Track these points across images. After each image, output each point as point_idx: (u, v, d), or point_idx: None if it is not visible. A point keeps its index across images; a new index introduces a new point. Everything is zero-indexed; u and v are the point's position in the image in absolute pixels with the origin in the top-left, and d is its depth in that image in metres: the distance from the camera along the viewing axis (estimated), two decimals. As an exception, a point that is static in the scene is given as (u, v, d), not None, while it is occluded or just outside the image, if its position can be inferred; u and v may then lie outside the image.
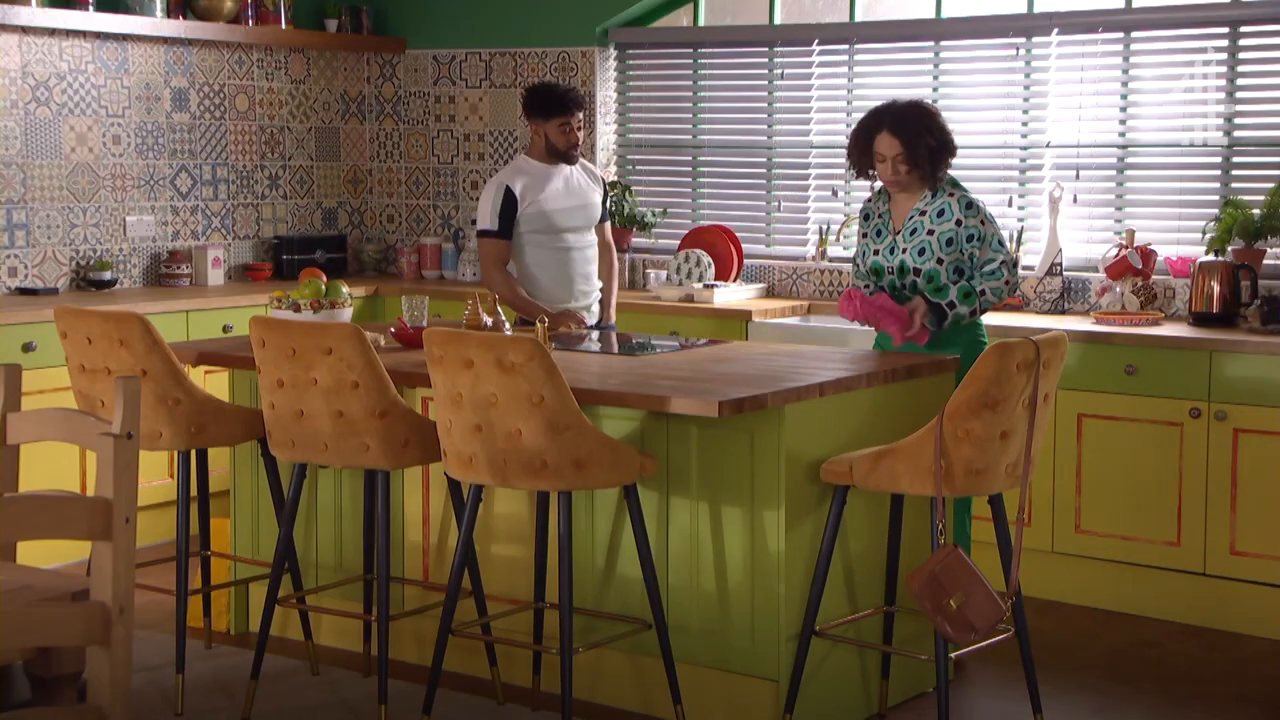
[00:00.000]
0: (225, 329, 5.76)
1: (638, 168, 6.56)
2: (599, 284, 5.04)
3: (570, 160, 4.92)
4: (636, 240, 6.41)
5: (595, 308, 5.02)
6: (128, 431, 2.61)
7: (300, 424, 3.84)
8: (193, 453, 4.23)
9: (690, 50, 6.38)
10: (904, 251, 4.28)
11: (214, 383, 5.34)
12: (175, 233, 6.34)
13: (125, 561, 2.61)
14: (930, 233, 4.26)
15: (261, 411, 3.97)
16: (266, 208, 6.66)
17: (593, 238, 5.01)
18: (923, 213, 4.28)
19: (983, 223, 4.29)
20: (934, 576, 3.46)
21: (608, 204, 5.13)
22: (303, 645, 4.37)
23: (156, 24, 6.05)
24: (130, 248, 6.19)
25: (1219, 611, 4.78)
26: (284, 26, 6.49)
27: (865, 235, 4.43)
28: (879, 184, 4.43)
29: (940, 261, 4.25)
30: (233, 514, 4.64)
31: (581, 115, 4.91)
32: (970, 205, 4.29)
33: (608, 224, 5.12)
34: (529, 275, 4.89)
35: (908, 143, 4.24)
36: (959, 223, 4.26)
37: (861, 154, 4.34)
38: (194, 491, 4.31)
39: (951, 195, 4.29)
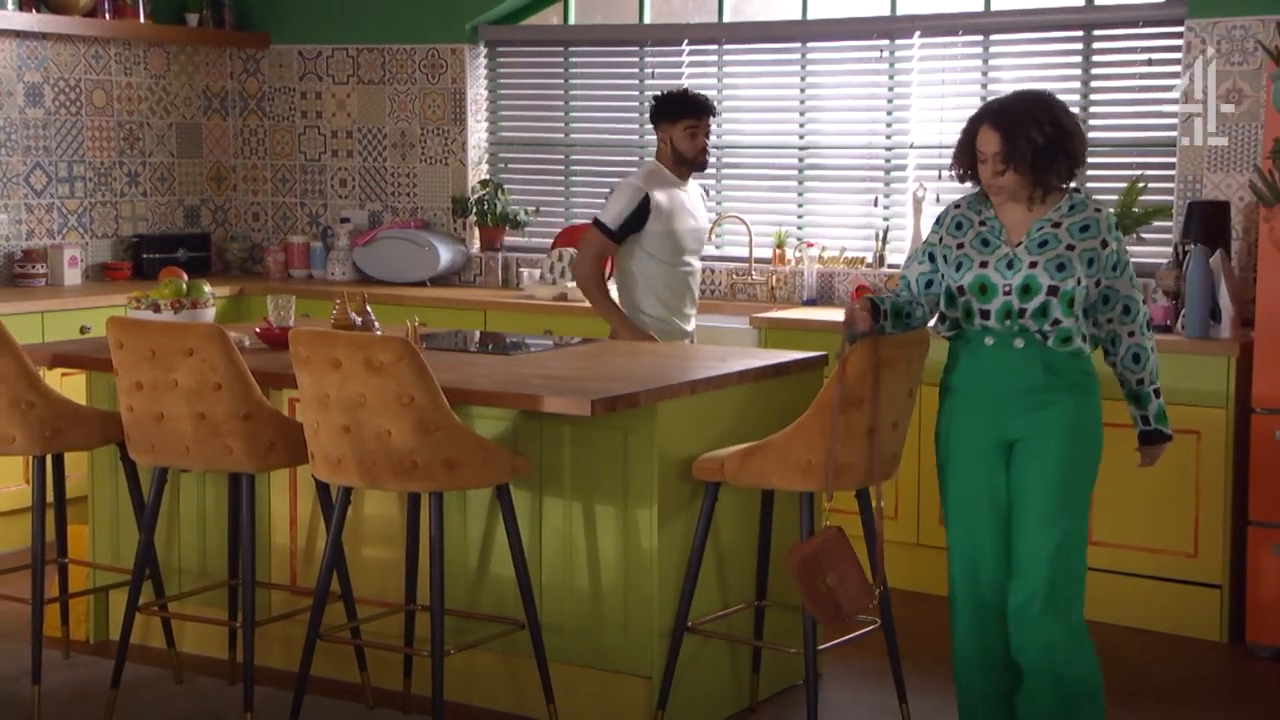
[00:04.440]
0: (82, 330, 5.61)
1: (509, 166, 6.53)
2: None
3: (700, 167, 4.83)
4: (509, 239, 6.38)
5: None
6: (-22, 436, 2.53)
7: (160, 427, 3.75)
8: (49, 457, 4.11)
9: (561, 49, 6.37)
10: (1032, 266, 3.39)
11: (71, 385, 5.19)
12: (30, 231, 6.15)
13: (-24, 570, 2.53)
14: (1070, 248, 3.40)
15: (120, 415, 3.88)
16: (126, 205, 6.50)
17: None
18: (1056, 224, 3.43)
19: (1125, 250, 3.50)
20: (815, 554, 3.48)
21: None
22: (165, 653, 4.27)
23: (9, 17, 5.87)
24: (-18, 247, 6.00)
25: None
26: (143, 20, 6.34)
27: (944, 244, 3.53)
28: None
29: (1080, 282, 3.39)
30: (91, 520, 4.53)
31: (710, 122, 4.82)
32: (1118, 227, 3.50)
33: None
34: (648, 291, 4.78)
35: (1007, 137, 3.38)
36: (1104, 244, 3.43)
37: (964, 151, 3.49)
38: (50, 497, 4.20)
39: (1098, 211, 3.46)
